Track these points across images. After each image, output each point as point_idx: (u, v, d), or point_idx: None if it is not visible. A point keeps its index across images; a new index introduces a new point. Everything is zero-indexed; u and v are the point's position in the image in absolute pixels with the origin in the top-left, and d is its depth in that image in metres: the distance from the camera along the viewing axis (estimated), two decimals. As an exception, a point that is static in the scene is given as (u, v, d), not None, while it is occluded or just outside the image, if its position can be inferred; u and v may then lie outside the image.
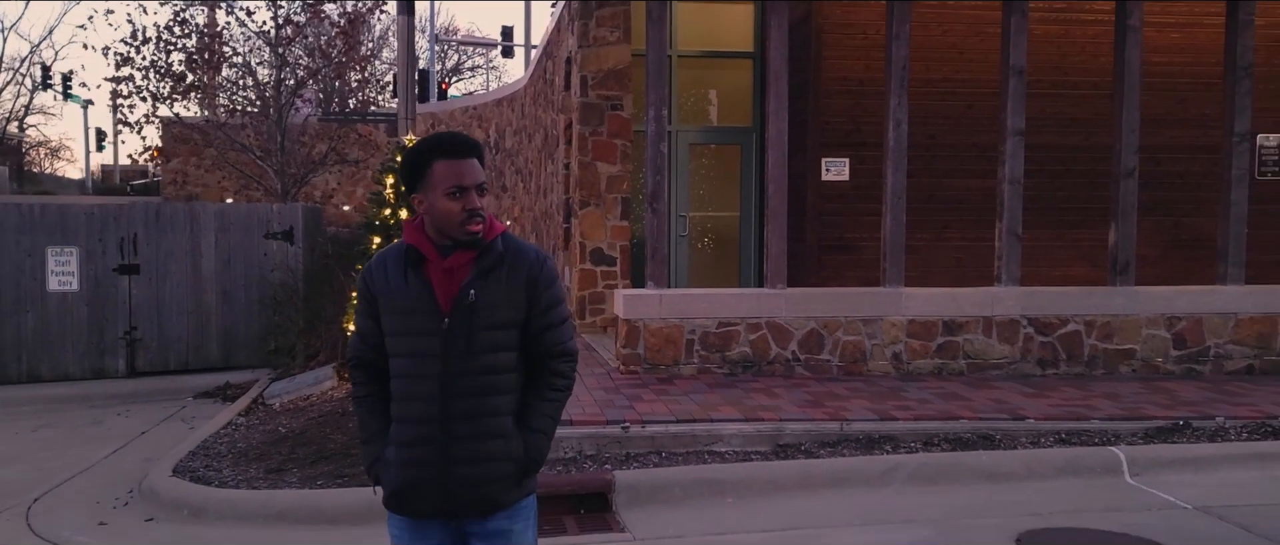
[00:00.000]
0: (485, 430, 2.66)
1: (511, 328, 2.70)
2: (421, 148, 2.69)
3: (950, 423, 6.91)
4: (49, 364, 11.46)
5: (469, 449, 2.65)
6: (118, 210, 11.90)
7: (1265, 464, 6.39)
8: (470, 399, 2.65)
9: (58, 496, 6.81)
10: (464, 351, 2.64)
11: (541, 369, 2.79)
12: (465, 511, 2.70)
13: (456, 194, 2.62)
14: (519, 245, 2.76)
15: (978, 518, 5.51)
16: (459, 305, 2.64)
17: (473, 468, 2.65)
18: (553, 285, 2.77)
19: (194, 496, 6.13)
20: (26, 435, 9.33)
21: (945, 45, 11.46)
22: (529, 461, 2.73)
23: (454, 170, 2.63)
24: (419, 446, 2.66)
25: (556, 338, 2.78)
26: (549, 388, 2.79)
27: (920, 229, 11.26)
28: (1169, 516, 5.53)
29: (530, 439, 2.73)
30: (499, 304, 2.67)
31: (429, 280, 2.66)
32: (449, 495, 2.66)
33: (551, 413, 2.80)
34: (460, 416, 2.65)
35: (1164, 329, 8.79)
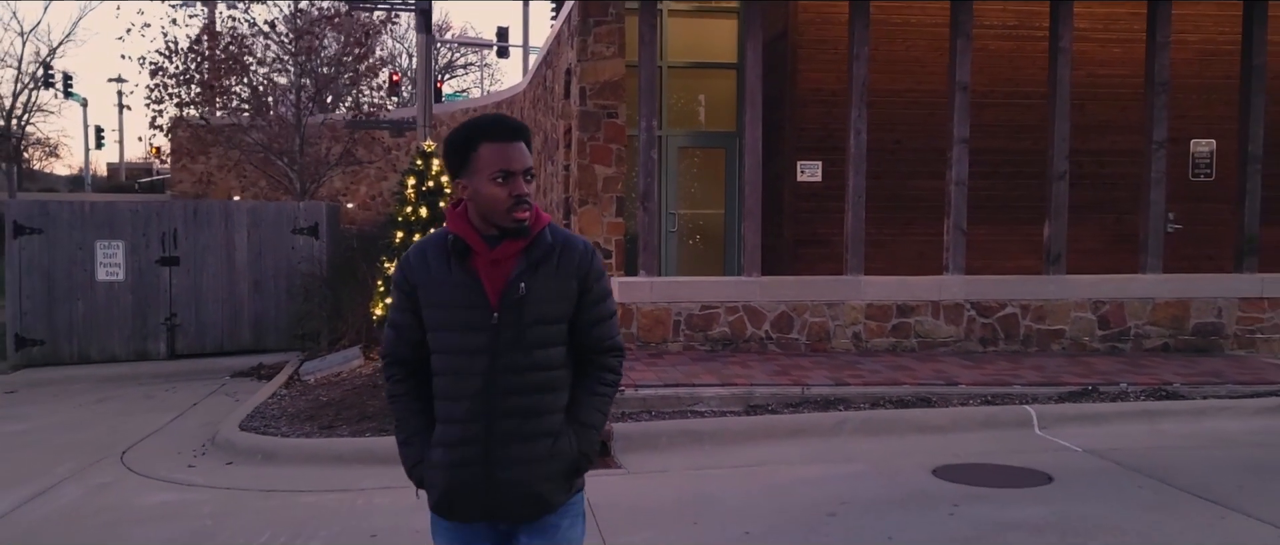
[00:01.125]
0: (536, 430, 2.59)
1: (561, 321, 2.62)
2: (467, 130, 2.59)
3: (895, 388, 8.30)
4: (97, 347, 12.77)
5: (519, 450, 2.57)
6: (159, 208, 13.22)
7: (1152, 419, 7.79)
8: (520, 397, 2.57)
9: (141, 449, 8.15)
10: (514, 347, 2.55)
11: (589, 364, 2.71)
12: (515, 514, 2.61)
13: (502, 179, 2.52)
14: (567, 236, 2.67)
15: (906, 458, 6.89)
16: (508, 299, 2.54)
17: (523, 469, 2.57)
18: (602, 278, 2.69)
19: (266, 445, 7.49)
20: (90, 407, 10.64)
21: (908, 59, 12.82)
22: (580, 458, 2.66)
23: (501, 154, 2.53)
24: (466, 447, 2.58)
25: (605, 331, 2.70)
26: (599, 382, 2.72)
27: (886, 225, 12.65)
28: (1061, 456, 6.92)
29: (582, 434, 2.67)
30: (550, 297, 2.58)
31: (476, 272, 2.56)
32: (498, 498, 2.58)
33: (602, 408, 2.72)
34: (509, 415, 2.56)
35: (1090, 312, 10.18)
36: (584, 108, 12.64)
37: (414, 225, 10.84)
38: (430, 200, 10.93)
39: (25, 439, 8.87)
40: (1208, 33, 13.06)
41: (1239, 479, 6.22)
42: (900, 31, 12.81)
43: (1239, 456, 6.83)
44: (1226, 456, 6.83)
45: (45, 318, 12.66)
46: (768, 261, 10.68)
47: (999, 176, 12.78)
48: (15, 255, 12.60)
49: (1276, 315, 10.27)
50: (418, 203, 10.93)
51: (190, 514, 6.14)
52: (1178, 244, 12.96)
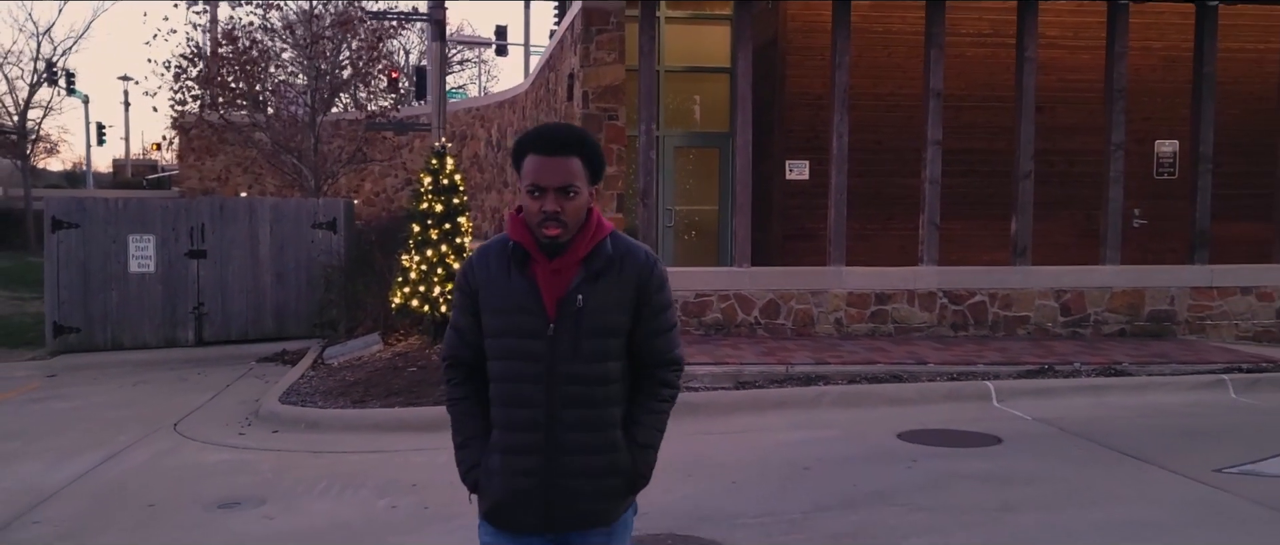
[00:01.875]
0: (595, 444, 2.58)
1: (620, 334, 2.59)
2: (522, 139, 2.61)
3: (870, 366, 9.27)
4: (130, 334, 13.71)
5: (579, 462, 2.56)
6: (187, 204, 14.17)
7: (1098, 393, 8.77)
8: (579, 409, 2.56)
9: (191, 421, 9.10)
10: (571, 357, 2.54)
11: (647, 378, 2.67)
12: (566, 524, 2.61)
13: (536, 193, 2.52)
14: (629, 245, 2.65)
15: (876, 425, 7.86)
16: (566, 309, 2.53)
17: (582, 481, 2.57)
18: (663, 289, 2.66)
19: (308, 415, 8.46)
20: (129, 388, 11.58)
21: (890, 65, 13.78)
22: (636, 477, 2.65)
23: (537, 168, 2.52)
24: (525, 456, 2.57)
25: (665, 345, 2.66)
26: (656, 398, 2.68)
27: (870, 220, 13.64)
28: (1013, 424, 7.90)
29: (638, 454, 2.64)
30: (608, 309, 2.56)
31: (535, 279, 2.55)
32: (552, 507, 2.58)
33: (658, 425, 2.69)
34: (570, 426, 2.55)
35: (1053, 300, 11.17)
36: (586, 110, 13.58)
37: (429, 219, 11.80)
38: (444, 196, 11.89)
39: (78, 414, 9.82)
40: (1172, 40, 14.01)
41: (1165, 442, 7.20)
42: (882, 39, 13.77)
43: (1170, 424, 7.81)
44: (1159, 424, 7.81)
45: (81, 307, 13.61)
46: (758, 254, 11.64)
47: (976, 175, 13.75)
48: (53, 248, 13.53)
49: (1224, 303, 11.26)
50: (433, 198, 11.88)
51: (251, 470, 7.11)
52: (1144, 238, 13.96)
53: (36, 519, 6.11)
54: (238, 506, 6.21)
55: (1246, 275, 11.33)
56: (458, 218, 11.85)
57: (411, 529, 5.67)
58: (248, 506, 6.20)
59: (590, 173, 2.57)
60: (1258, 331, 11.24)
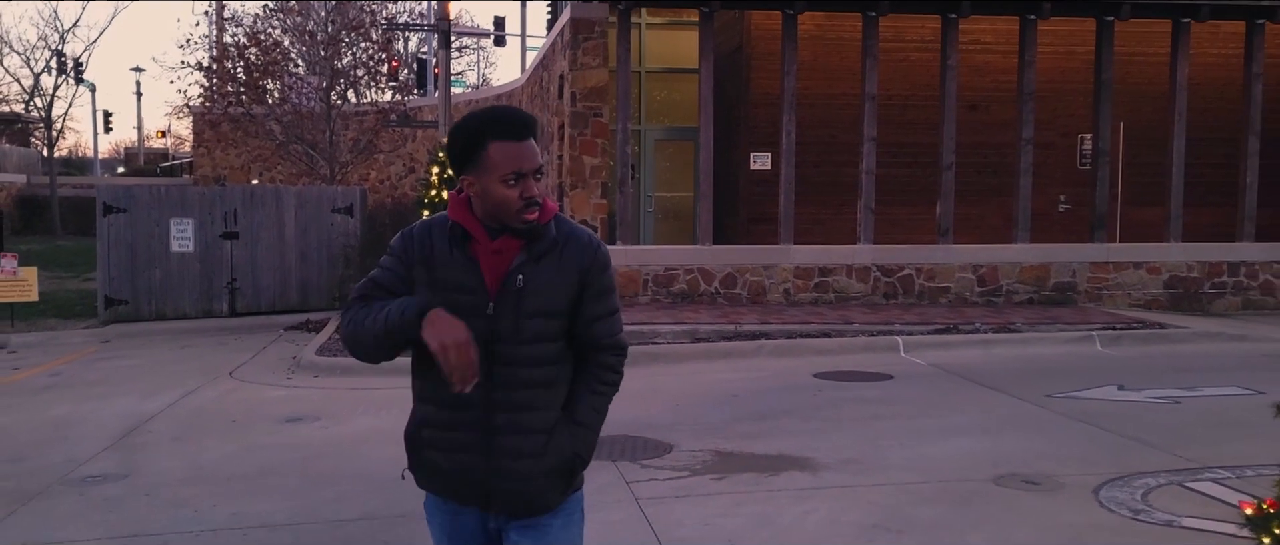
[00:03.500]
0: (530, 425, 2.58)
1: (560, 316, 2.60)
2: (475, 125, 2.56)
3: (805, 326, 11.37)
4: (171, 306, 15.77)
5: (513, 443, 2.56)
6: (222, 192, 16.22)
7: (988, 346, 10.88)
8: (516, 391, 2.57)
9: (242, 372, 11.19)
10: (510, 339, 2.54)
11: (589, 362, 2.69)
12: (506, 507, 2.64)
13: (515, 180, 2.50)
14: (572, 229, 2.66)
15: (799, 368, 9.94)
16: (506, 290, 2.54)
17: (517, 462, 2.57)
18: (606, 272, 2.67)
19: (341, 364, 10.56)
20: (179, 349, 13.65)
21: (843, 68, 15.81)
22: (574, 458, 2.64)
23: (513, 154, 2.50)
24: (459, 432, 2.58)
25: (607, 329, 2.68)
26: (598, 381, 2.70)
27: (825, 206, 15.70)
28: (909, 367, 10.00)
29: (577, 434, 2.65)
30: (549, 291, 2.57)
31: (475, 259, 2.56)
32: (489, 490, 2.61)
33: (599, 408, 2.70)
34: (505, 408, 2.56)
35: (971, 273, 13.26)
36: (574, 108, 15.64)
37: (438, 207, 13.88)
38: (449, 185, 13.96)
39: (145, 368, 11.90)
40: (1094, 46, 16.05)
41: (1021, 378, 9.29)
42: (836, 46, 15.81)
43: (1033, 367, 9.90)
44: (1025, 367, 9.91)
45: (129, 282, 15.67)
46: (726, 235, 13.71)
47: (918, 166, 15.80)
48: (105, 230, 15.60)
49: (1119, 276, 13.35)
50: (440, 188, 13.97)
51: (303, 401, 9.21)
52: (1068, 221, 16.03)
53: (149, 430, 8.21)
54: (299, 421, 8.32)
55: (1137, 252, 13.43)
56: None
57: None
58: (307, 421, 8.31)
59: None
60: (1147, 300, 13.32)
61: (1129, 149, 15.85)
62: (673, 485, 6.17)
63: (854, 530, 5.28)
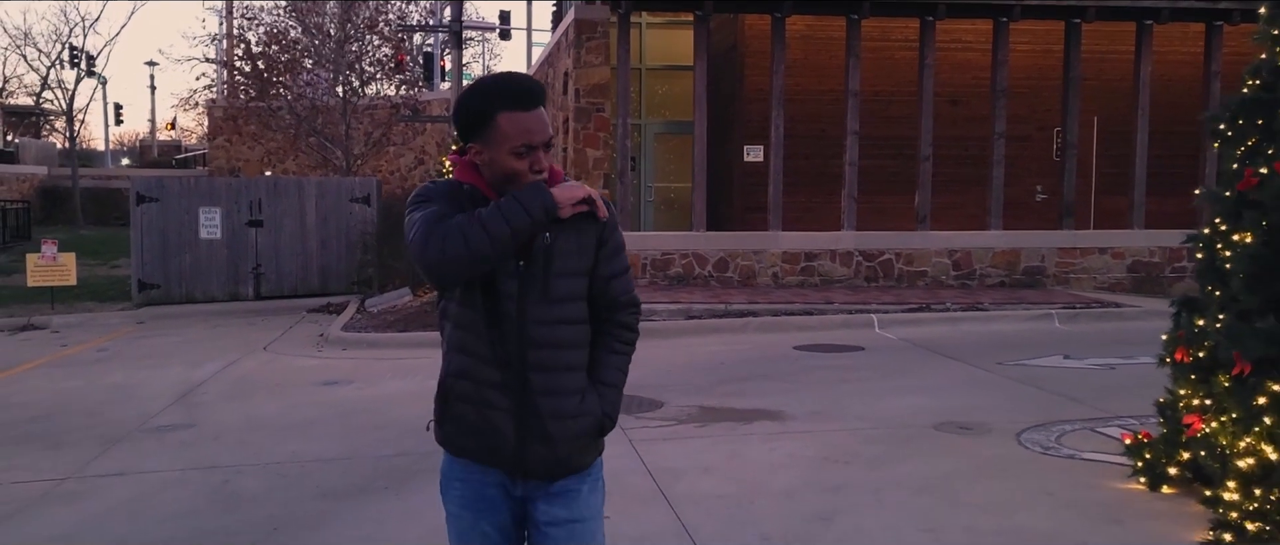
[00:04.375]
0: (564, 386, 2.62)
1: (583, 275, 2.65)
2: (484, 92, 2.54)
3: (789, 305, 12.50)
4: (200, 290, 16.94)
5: (548, 404, 2.60)
6: (247, 182, 17.40)
7: (955, 323, 12.01)
8: (548, 350, 2.60)
9: (276, 345, 12.35)
10: (540, 298, 2.57)
11: (608, 321, 2.73)
12: (541, 470, 2.65)
13: (524, 152, 2.51)
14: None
15: (781, 342, 11.08)
16: (535, 250, 2.56)
17: (553, 424, 2.60)
18: (617, 230, 2.72)
19: (367, 338, 11.74)
20: (209, 329, 14.81)
21: (832, 66, 16.89)
22: (604, 419, 2.69)
23: (523, 126, 2.49)
24: (494, 389, 2.60)
25: (623, 286, 2.73)
26: (618, 340, 2.75)
27: (815, 195, 16.81)
28: (881, 341, 11.13)
29: (605, 393, 2.70)
30: (572, 250, 2.61)
31: None
32: (521, 451, 2.62)
33: (622, 366, 2.76)
34: (538, 367, 2.59)
35: (946, 258, 14.39)
36: (578, 104, 16.77)
37: (450, 195, 15.03)
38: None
39: (184, 344, 13.07)
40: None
41: (979, 349, 10.42)
42: (824, 45, 16.89)
43: (993, 340, 11.03)
44: (985, 341, 11.04)
45: (160, 267, 16.86)
46: (721, 222, 14.81)
47: (902, 158, 16.88)
48: (138, 219, 16.78)
49: (1084, 261, 14.47)
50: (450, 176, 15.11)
51: (336, 369, 10.37)
52: (1043, 209, 17.12)
53: (203, 392, 9.39)
54: (335, 384, 9.49)
55: (1103, 238, 14.55)
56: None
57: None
58: (342, 384, 9.48)
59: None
60: (1111, 283, 14.44)
61: (1102, 142, 16.94)
62: (662, 431, 7.32)
63: (809, 461, 6.42)
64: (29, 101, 45.56)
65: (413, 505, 5.68)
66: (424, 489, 5.96)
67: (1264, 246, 5.07)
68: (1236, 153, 5.48)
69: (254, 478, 6.39)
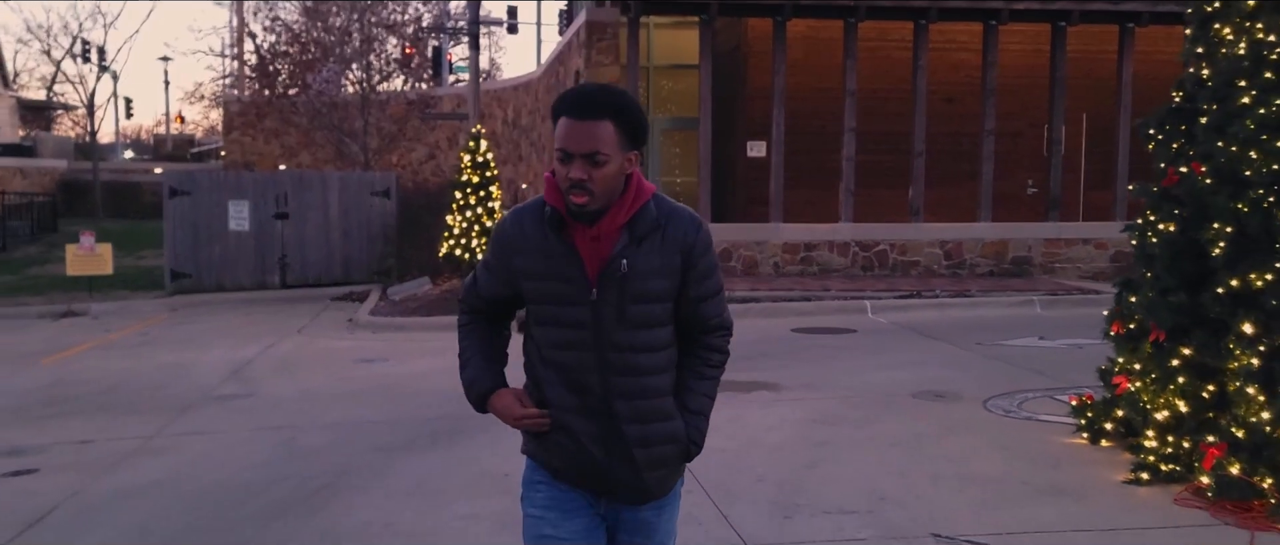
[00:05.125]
0: (650, 412, 2.59)
1: (665, 299, 2.58)
2: (559, 98, 2.56)
3: (789, 292, 13.50)
4: (229, 279, 17.96)
5: (635, 431, 2.58)
6: (274, 177, 18.42)
7: (943, 309, 13.00)
8: (630, 377, 2.57)
9: (309, 329, 13.35)
10: (616, 325, 2.54)
11: (695, 344, 2.69)
12: (627, 497, 2.66)
13: (564, 158, 2.49)
14: (673, 208, 2.62)
15: (780, 325, 12.07)
16: (609, 275, 2.52)
17: (639, 451, 2.59)
18: (708, 252, 2.64)
19: (395, 322, 12.75)
20: (241, 316, 15.82)
21: (832, 66, 17.83)
22: (690, 444, 2.67)
23: (566, 131, 2.49)
24: (585, 418, 2.60)
25: (713, 309, 2.68)
26: (706, 365, 2.71)
27: (816, 188, 17.77)
28: (872, 324, 12.12)
29: (691, 421, 2.66)
30: (653, 273, 2.55)
31: (574, 246, 2.54)
32: (612, 478, 2.63)
33: (709, 392, 2.72)
34: (622, 394, 2.57)
35: (939, 249, 15.37)
36: (589, 102, 17.72)
37: (468, 188, 16.02)
38: (479, 171, 16.10)
39: (221, 329, 14.08)
40: (1062, 44, 18.10)
41: (962, 332, 11.40)
42: (825, 45, 17.84)
43: (976, 324, 12.00)
44: (969, 324, 12.02)
45: (192, 257, 17.88)
46: (725, 214, 15.77)
47: (898, 153, 17.83)
48: (171, 211, 17.80)
49: (1069, 251, 15.44)
50: (471, 172, 16.11)
51: (369, 349, 11.39)
52: (1034, 203, 18.07)
53: (251, 369, 10.41)
54: (371, 362, 10.51)
55: (1087, 230, 15.51)
56: (490, 187, 16.09)
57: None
58: (377, 362, 10.50)
59: (627, 138, 2.51)
60: (1094, 272, 15.41)
61: (1090, 138, 17.90)
62: (670, 400, 8.31)
63: (799, 423, 7.41)
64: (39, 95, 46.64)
65: (458, 456, 6.69)
66: (466, 445, 6.99)
67: (1181, 234, 6.05)
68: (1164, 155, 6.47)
69: (315, 435, 7.41)
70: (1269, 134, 5.48)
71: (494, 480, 6.12)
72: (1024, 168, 18.26)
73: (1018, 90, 17.96)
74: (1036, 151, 18.29)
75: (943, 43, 17.47)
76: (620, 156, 2.51)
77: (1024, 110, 18.19)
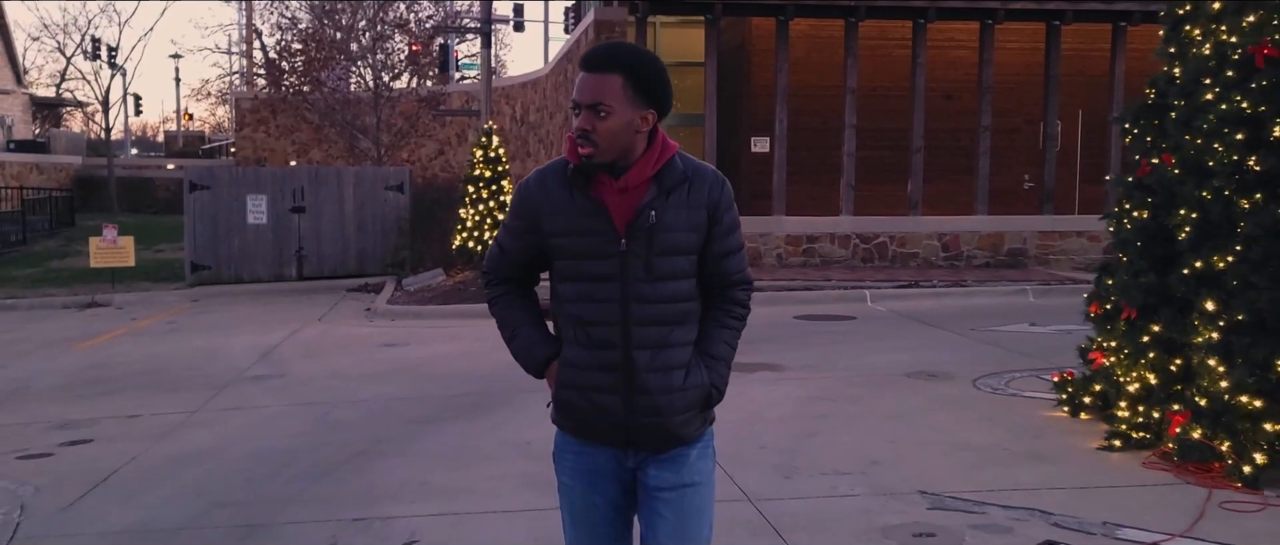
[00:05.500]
0: (669, 362, 2.65)
1: (690, 252, 2.66)
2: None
3: (792, 283, 14.01)
4: (248, 271, 18.49)
5: (655, 380, 2.63)
6: (290, 172, 18.93)
7: (940, 298, 13.51)
8: (653, 328, 2.63)
9: (329, 318, 13.88)
10: (644, 277, 2.60)
11: (719, 297, 2.76)
12: (650, 444, 2.70)
13: (576, 111, 2.57)
14: (698, 165, 2.70)
15: (784, 313, 12.59)
16: (637, 228, 2.59)
17: (661, 398, 2.64)
18: (732, 208, 2.73)
19: (412, 310, 13.28)
20: (261, 306, 16.35)
21: (834, 63, 18.33)
22: (712, 390, 2.72)
23: (577, 83, 2.59)
24: (603, 373, 2.65)
25: (736, 264, 2.76)
26: (729, 315, 2.78)
27: (819, 183, 18.28)
28: (871, 312, 12.64)
29: (713, 366, 2.73)
30: (679, 227, 2.62)
31: (601, 200, 2.62)
32: (635, 426, 2.67)
33: (731, 341, 2.78)
34: (644, 345, 2.62)
35: (937, 241, 15.87)
36: (597, 99, 18.23)
37: (481, 182, 16.55)
38: (492, 166, 16.63)
39: (244, 317, 14.60)
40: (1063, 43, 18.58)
41: (956, 319, 11.92)
42: (827, 44, 18.35)
43: (970, 312, 12.51)
44: (963, 312, 12.53)
45: (211, 250, 18.42)
46: (725, 208, 16.28)
47: (899, 149, 18.35)
48: (191, 205, 18.34)
49: (1063, 243, 15.95)
50: (484, 167, 16.65)
51: (389, 335, 11.92)
52: (1031, 197, 18.56)
53: (279, 352, 10.93)
54: (393, 346, 11.04)
55: (1079, 223, 16.02)
56: (501, 181, 16.63)
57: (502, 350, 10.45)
58: (399, 346, 11.03)
59: (639, 93, 2.57)
60: (1087, 263, 15.88)
61: (1085, 133, 18.41)
62: (678, 379, 8.84)
63: (801, 399, 7.93)
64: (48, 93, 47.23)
65: (482, 427, 7.23)
66: (488, 417, 7.52)
67: (1151, 221, 6.57)
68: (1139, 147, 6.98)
69: (348, 410, 7.94)
70: (1230, 128, 5.98)
71: (516, 447, 6.66)
72: (1021, 163, 18.75)
73: (1015, 88, 18.46)
74: (1033, 147, 18.78)
75: (942, 41, 17.97)
76: (630, 112, 2.57)
77: (1021, 107, 18.69)
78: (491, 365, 9.25)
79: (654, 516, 2.73)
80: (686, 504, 2.73)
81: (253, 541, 5.05)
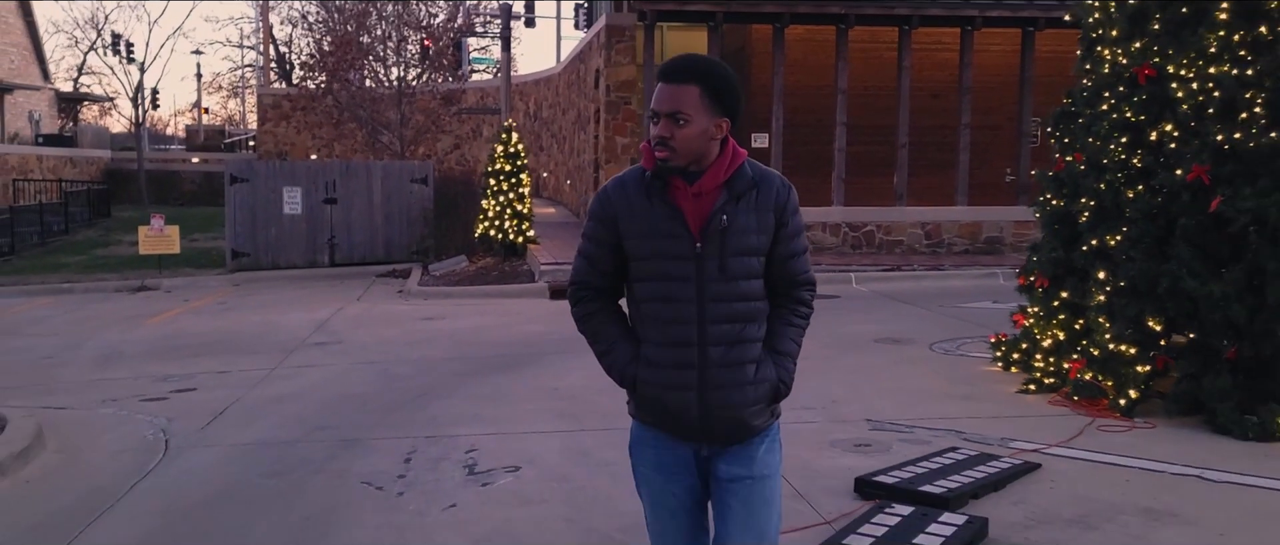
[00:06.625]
0: (740, 358, 2.80)
1: (759, 253, 2.82)
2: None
3: (784, 266, 15.59)
4: (283, 258, 20.13)
5: (726, 376, 2.79)
6: (323, 165, 20.57)
7: (918, 280, 15.09)
8: (726, 325, 2.78)
9: (366, 298, 15.51)
10: (717, 277, 2.76)
11: (785, 297, 2.93)
12: (720, 437, 2.86)
13: (654, 119, 2.74)
14: (764, 171, 2.88)
15: (776, 293, 14.18)
16: (711, 230, 2.75)
17: (729, 393, 2.79)
18: (797, 213, 2.89)
19: (442, 290, 14.91)
20: (299, 289, 17.99)
21: (828, 65, 19.88)
22: (779, 385, 2.88)
23: (656, 93, 2.75)
24: (679, 371, 2.80)
25: (801, 266, 2.93)
26: (795, 314, 2.95)
27: (814, 176, 19.82)
28: (854, 292, 14.22)
29: (780, 362, 2.89)
30: (749, 230, 2.79)
31: (677, 205, 2.77)
32: (706, 421, 2.82)
33: (796, 338, 2.95)
34: (717, 342, 2.78)
35: (920, 229, 17.44)
36: (608, 98, 19.85)
37: (501, 175, 18.15)
38: (511, 161, 18.23)
39: (288, 298, 16.24)
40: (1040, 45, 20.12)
41: (931, 298, 13.49)
42: (822, 46, 19.90)
43: (945, 292, 14.09)
44: (939, 293, 14.10)
45: (250, 238, 20.07)
46: (726, 199, 17.85)
47: (888, 145, 19.89)
48: (232, 197, 19.99)
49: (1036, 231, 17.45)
50: (504, 161, 18.25)
51: (425, 310, 13.55)
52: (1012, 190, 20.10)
53: (330, 326, 12.56)
54: (430, 319, 12.67)
55: (1052, 213, 17.55)
56: (520, 175, 18.23)
57: (528, 323, 12.08)
58: (435, 319, 12.66)
59: (714, 103, 2.74)
60: (1059, 251, 17.45)
61: (1062, 130, 19.89)
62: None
63: (781, 358, 9.52)
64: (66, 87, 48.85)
65: (519, 377, 8.85)
66: (523, 372, 9.14)
67: (1063, 208, 8.15)
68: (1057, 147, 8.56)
69: (403, 367, 9.57)
70: (1119, 132, 7.56)
71: (547, 391, 8.27)
72: (1002, 158, 20.28)
73: (996, 88, 20.01)
74: (1013, 143, 20.30)
75: (929, 44, 19.52)
76: (706, 120, 2.74)
77: (1002, 106, 20.23)
78: (518, 334, 10.88)
79: (724, 507, 2.90)
80: (755, 495, 2.89)
81: (355, 450, 6.67)
